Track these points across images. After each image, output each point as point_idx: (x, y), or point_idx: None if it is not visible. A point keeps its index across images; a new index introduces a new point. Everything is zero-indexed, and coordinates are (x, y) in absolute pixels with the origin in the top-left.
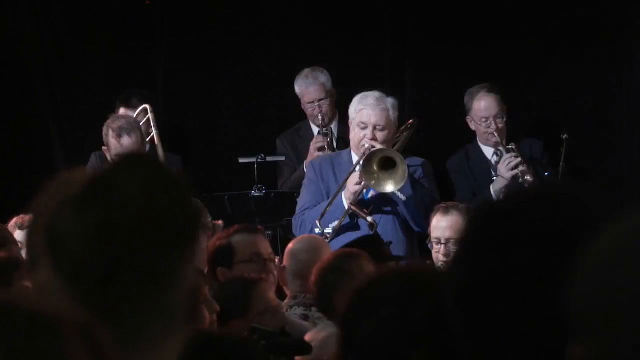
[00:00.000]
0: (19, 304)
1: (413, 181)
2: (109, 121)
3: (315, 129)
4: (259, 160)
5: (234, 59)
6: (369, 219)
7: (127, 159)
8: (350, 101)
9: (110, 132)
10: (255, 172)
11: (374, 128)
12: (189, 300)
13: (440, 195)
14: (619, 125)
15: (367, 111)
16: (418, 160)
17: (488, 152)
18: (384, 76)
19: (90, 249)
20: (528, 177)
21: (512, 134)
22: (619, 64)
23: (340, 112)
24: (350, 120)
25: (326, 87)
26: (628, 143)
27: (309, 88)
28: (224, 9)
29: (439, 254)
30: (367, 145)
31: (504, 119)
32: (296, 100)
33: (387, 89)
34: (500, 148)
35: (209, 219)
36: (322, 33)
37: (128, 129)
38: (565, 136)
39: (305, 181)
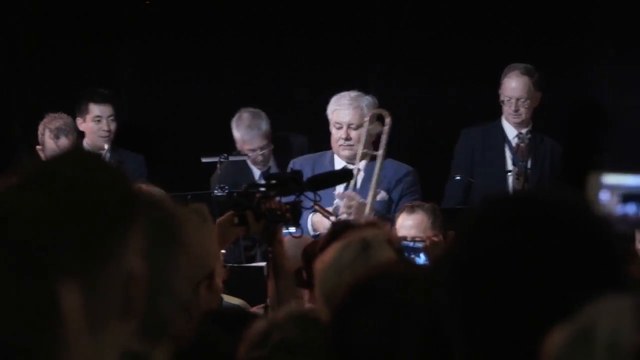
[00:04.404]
0: None
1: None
2: (45, 120)
3: (257, 172)
4: (221, 160)
5: (199, 60)
6: (332, 218)
7: (70, 152)
8: (318, 102)
9: (47, 132)
10: (219, 172)
11: (348, 127)
12: (131, 289)
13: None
14: (594, 127)
15: (341, 111)
16: (404, 168)
17: (511, 132)
18: (350, 74)
19: (26, 229)
20: None
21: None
22: (594, 64)
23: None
24: (329, 120)
25: (267, 133)
26: (606, 145)
27: (254, 139)
28: (190, 10)
29: None
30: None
31: (530, 104)
32: (262, 100)
33: (353, 87)
34: (523, 131)
35: None
36: (289, 33)
37: (65, 130)
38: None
39: None
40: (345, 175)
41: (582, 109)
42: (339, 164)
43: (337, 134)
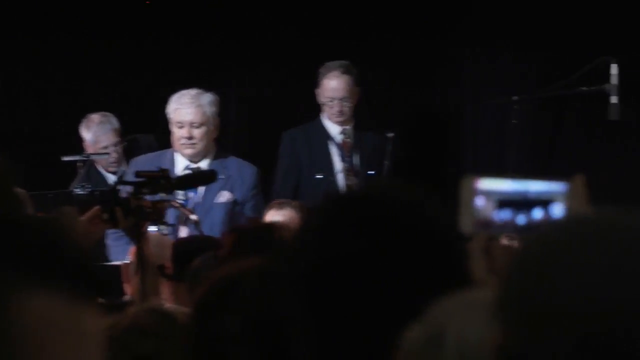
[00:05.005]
0: None
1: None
2: None
3: (110, 176)
4: (82, 159)
5: (63, 58)
6: (193, 217)
7: None
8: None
9: None
10: (81, 170)
11: (190, 126)
12: None
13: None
14: (446, 125)
15: (182, 110)
16: (248, 167)
17: (334, 129)
18: (210, 75)
19: None
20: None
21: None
22: (451, 63)
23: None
24: (169, 120)
25: (119, 131)
26: (456, 144)
27: (107, 134)
28: (54, 9)
29: None
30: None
31: (352, 101)
32: (124, 98)
33: (213, 87)
34: (348, 127)
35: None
36: (154, 31)
37: None
38: (391, 135)
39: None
40: (210, 176)
41: (435, 109)
42: (180, 163)
43: (178, 133)
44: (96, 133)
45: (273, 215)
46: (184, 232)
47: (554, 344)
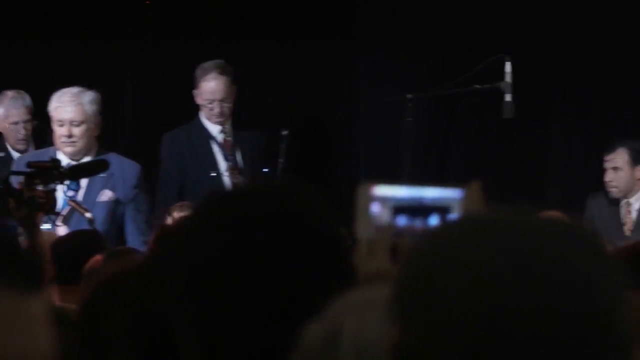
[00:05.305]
0: None
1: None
2: None
3: (16, 154)
4: None
5: None
6: (88, 214)
7: None
8: None
9: None
10: None
11: (70, 124)
12: None
13: None
14: (339, 124)
15: (62, 108)
16: (132, 165)
17: (213, 128)
18: (106, 76)
19: None
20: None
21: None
22: (345, 61)
23: None
24: (50, 118)
25: (31, 109)
26: (349, 142)
27: (19, 109)
28: None
29: None
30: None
31: (231, 101)
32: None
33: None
34: (227, 126)
35: None
36: (50, 33)
37: None
38: (285, 132)
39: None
40: (102, 165)
41: (328, 108)
42: (62, 161)
43: (59, 131)
44: (8, 107)
45: (176, 217)
46: (62, 230)
47: (448, 344)
